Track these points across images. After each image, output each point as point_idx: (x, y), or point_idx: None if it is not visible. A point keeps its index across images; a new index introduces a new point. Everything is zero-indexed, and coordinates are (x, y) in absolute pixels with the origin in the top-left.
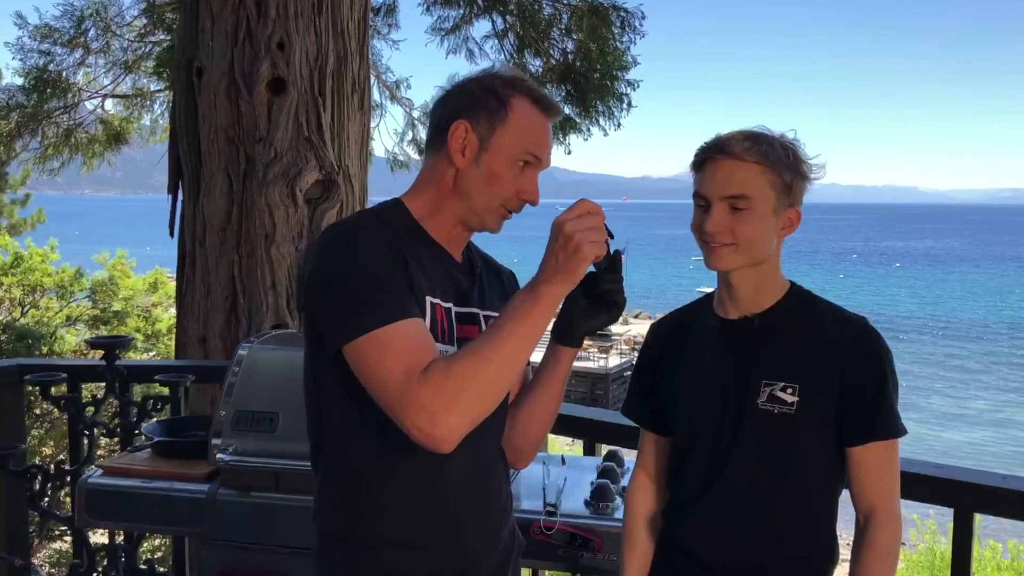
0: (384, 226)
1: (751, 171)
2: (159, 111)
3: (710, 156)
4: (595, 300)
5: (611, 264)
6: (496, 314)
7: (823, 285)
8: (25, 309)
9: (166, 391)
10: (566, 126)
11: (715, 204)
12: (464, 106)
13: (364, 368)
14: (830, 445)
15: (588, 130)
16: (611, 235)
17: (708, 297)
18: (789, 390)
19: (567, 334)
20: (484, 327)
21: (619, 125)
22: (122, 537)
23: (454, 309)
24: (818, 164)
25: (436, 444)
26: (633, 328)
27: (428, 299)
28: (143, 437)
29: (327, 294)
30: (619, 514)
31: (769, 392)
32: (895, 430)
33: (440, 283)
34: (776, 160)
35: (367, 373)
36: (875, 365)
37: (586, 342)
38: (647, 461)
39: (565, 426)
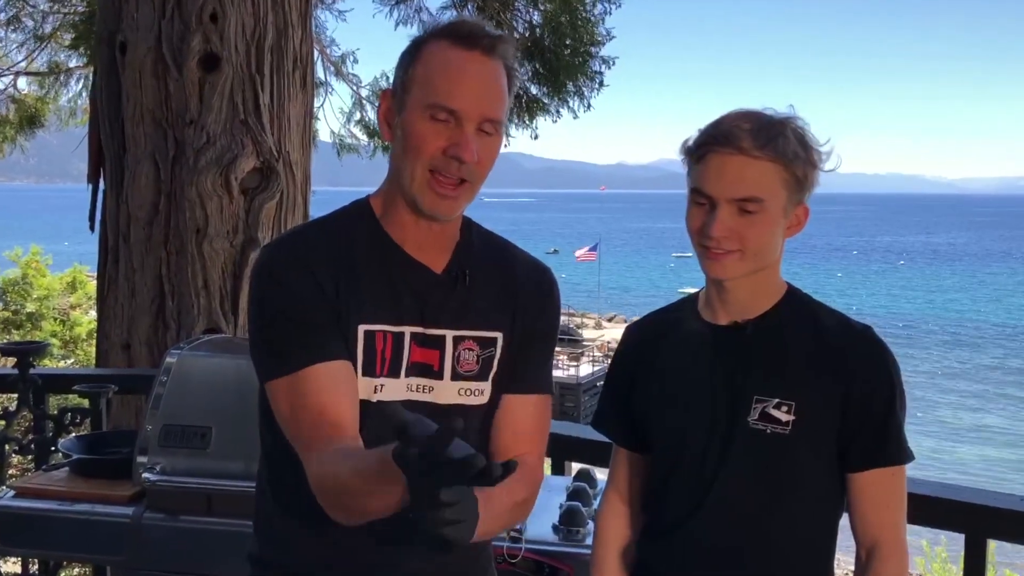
0: (324, 239)
1: (764, 170)
2: (77, 90)
3: (715, 149)
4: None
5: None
6: (487, 334)
7: (819, 285)
8: None
9: (86, 403)
10: (532, 107)
11: (721, 206)
12: (394, 74)
13: (275, 411)
14: (829, 469)
15: (557, 112)
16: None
17: (693, 298)
18: (784, 408)
19: None
20: (452, 350)
21: (590, 107)
22: (37, 566)
23: (409, 331)
24: (827, 151)
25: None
26: (607, 333)
27: (361, 328)
28: (60, 454)
29: (249, 327)
30: (591, 540)
31: (761, 409)
32: (903, 455)
33: (391, 302)
34: (792, 156)
35: (278, 417)
36: (883, 381)
37: (555, 348)
38: (620, 482)
39: None
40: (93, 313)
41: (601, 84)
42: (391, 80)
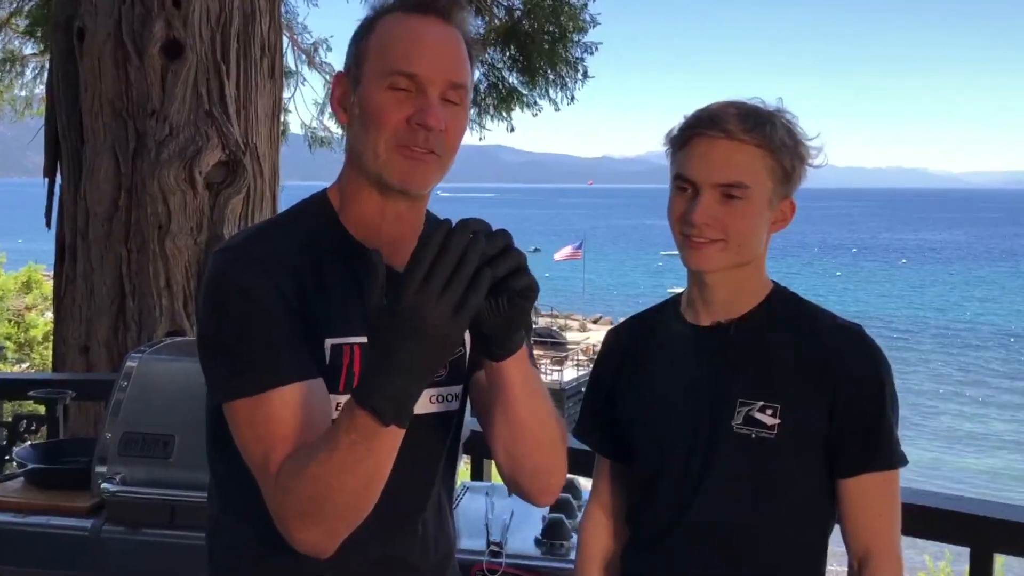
0: (286, 242)
1: (750, 155)
2: (33, 78)
3: (700, 132)
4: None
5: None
6: None
7: (816, 285)
8: None
9: (42, 409)
10: (510, 99)
11: (705, 191)
12: (345, 56)
13: (234, 434)
14: (818, 475)
15: (537, 103)
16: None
17: (675, 299)
18: (769, 411)
19: (485, 349)
20: None
21: (573, 98)
22: None
23: None
24: (816, 147)
25: (308, 554)
26: (592, 336)
27: (328, 342)
28: (14, 464)
29: (200, 342)
30: (575, 554)
31: (746, 413)
32: (895, 459)
33: (357, 312)
34: (780, 144)
35: (236, 441)
36: (873, 382)
37: (536, 352)
38: (603, 494)
39: None
40: (49, 314)
41: (586, 74)
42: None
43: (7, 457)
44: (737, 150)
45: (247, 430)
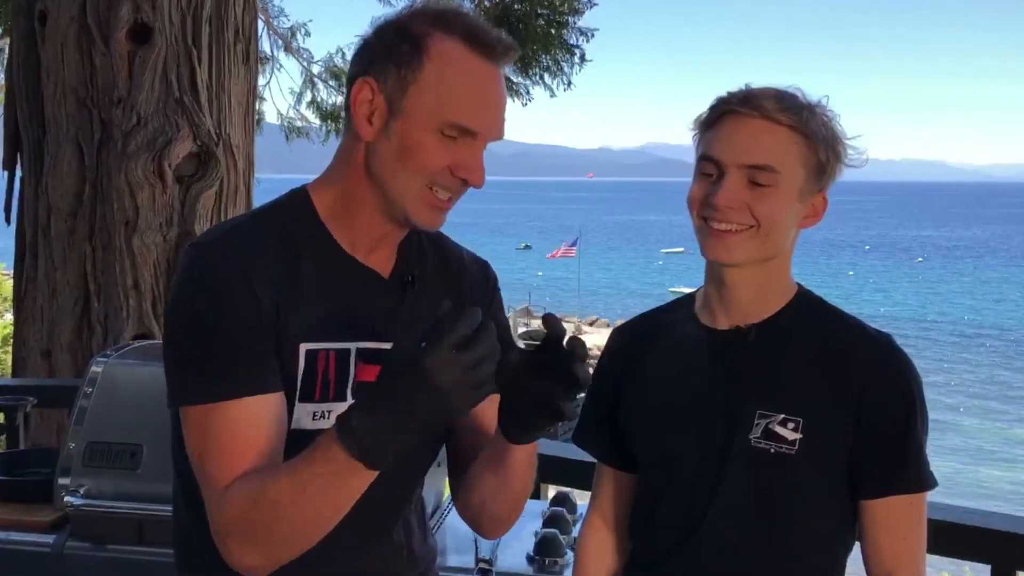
0: (266, 244)
1: (783, 138)
2: None
3: (732, 110)
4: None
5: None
6: None
7: (827, 284)
8: None
9: (1, 417)
10: None
11: (730, 172)
12: (373, 58)
13: (186, 439)
14: (839, 495)
15: (529, 91)
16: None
17: (688, 298)
18: (791, 425)
19: (512, 427)
20: None
21: (569, 84)
22: None
23: (355, 347)
24: (856, 148)
25: (242, 573)
26: (588, 338)
27: (303, 347)
28: None
29: (165, 339)
30: (571, 571)
31: (765, 426)
32: (923, 481)
33: (338, 317)
34: (815, 131)
35: (187, 447)
36: (902, 397)
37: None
38: (604, 503)
39: None
40: (9, 316)
41: (583, 59)
42: (370, 60)
43: None
44: (769, 131)
45: (200, 438)
